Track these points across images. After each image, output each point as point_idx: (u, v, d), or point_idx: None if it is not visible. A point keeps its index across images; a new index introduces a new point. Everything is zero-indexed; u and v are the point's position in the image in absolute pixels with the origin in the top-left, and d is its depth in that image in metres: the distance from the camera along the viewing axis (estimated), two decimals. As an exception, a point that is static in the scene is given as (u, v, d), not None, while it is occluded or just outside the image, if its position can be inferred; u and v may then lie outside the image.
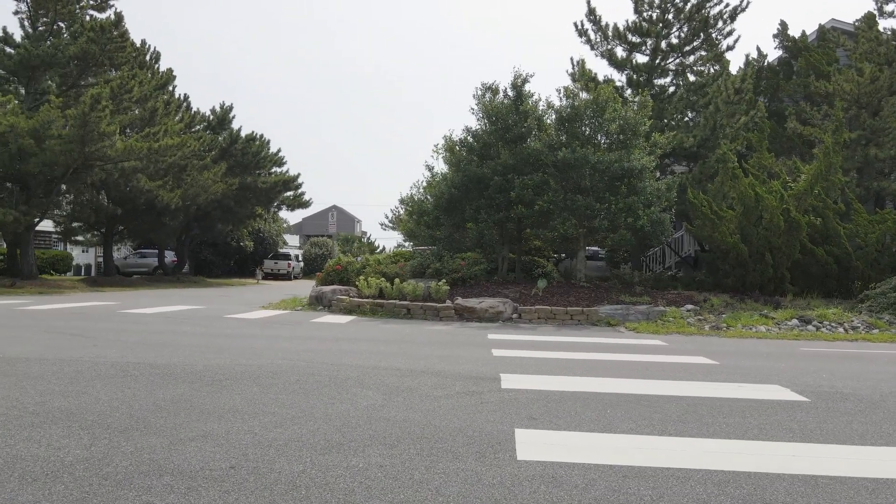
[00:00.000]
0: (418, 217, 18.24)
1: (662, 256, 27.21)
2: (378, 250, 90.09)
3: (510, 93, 15.90)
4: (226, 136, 31.10)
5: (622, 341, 10.07)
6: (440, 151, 17.12)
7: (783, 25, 24.30)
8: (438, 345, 8.87)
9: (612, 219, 14.44)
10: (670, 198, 15.02)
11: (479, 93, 16.01)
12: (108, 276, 27.87)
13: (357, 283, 14.60)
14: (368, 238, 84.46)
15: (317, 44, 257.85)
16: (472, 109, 16.01)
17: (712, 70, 21.16)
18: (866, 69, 17.76)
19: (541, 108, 15.89)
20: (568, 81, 20.11)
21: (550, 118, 15.94)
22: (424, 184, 18.77)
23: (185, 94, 29.75)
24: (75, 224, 27.49)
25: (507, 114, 15.46)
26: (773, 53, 25.24)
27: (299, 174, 32.57)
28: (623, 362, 7.56)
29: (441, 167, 18.15)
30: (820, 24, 24.24)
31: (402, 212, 55.97)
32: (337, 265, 16.42)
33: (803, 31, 23.88)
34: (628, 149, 14.71)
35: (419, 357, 7.43)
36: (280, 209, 35.58)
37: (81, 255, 41.30)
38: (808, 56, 21.54)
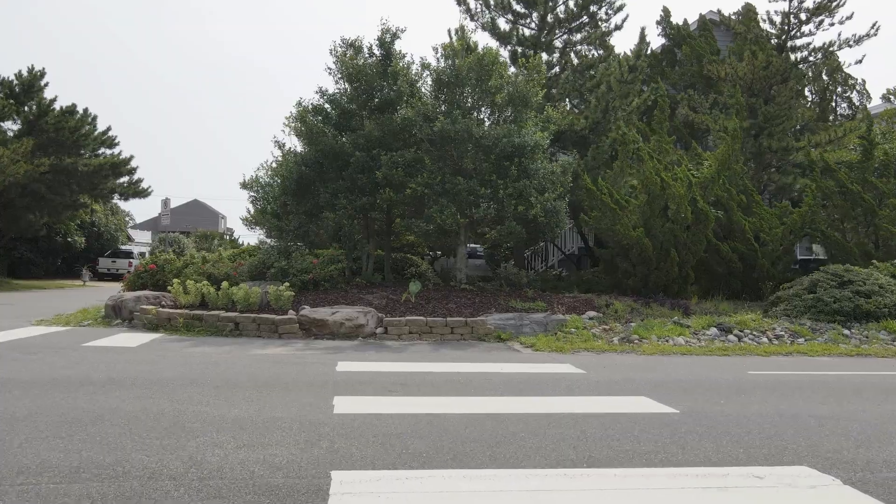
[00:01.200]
0: (263, 204, 14.73)
1: (544, 254, 25.40)
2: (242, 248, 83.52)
3: (377, 51, 12.83)
4: (32, 106, 25.33)
5: (522, 369, 7.36)
6: (291, 124, 13.72)
7: (666, 12, 23.23)
8: (252, 388, 5.65)
9: (500, 206, 11.86)
10: (566, 182, 12.70)
11: (339, 50, 12.79)
12: None
13: (170, 287, 10.89)
14: (231, 235, 78.01)
15: (189, 28, 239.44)
16: (330, 70, 12.79)
17: (597, 53, 19.42)
18: (759, 54, 16.59)
19: (414, 70, 12.99)
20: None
21: (426, 84, 13.08)
22: (274, 164, 15.24)
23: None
24: None
25: (373, 76, 12.39)
26: (657, 41, 23.96)
27: (132, 157, 27.38)
28: (533, 417, 4.78)
29: (294, 144, 14.72)
30: (700, 14, 23.48)
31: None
32: (150, 264, 12.56)
33: (685, 20, 22.94)
34: (518, 123, 12.19)
35: (191, 433, 4.16)
36: (111, 199, 29.96)
37: None
38: (692, 44, 20.41)
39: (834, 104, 27.88)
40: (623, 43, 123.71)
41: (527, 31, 18.49)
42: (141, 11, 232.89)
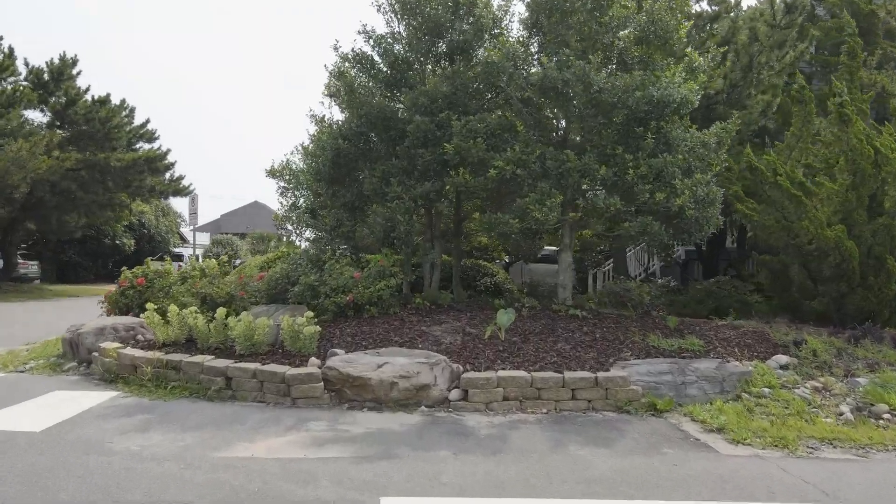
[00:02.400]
0: (296, 197, 11.23)
1: (643, 259, 21.05)
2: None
3: (445, -23, 9.06)
4: (61, 96, 22.89)
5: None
6: (331, 84, 10.12)
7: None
8: None
9: (627, 193, 7.91)
10: (719, 160, 8.60)
11: (392, -21, 9.09)
12: None
13: (144, 314, 7.42)
14: (289, 237, 76.09)
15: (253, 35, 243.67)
16: (380, 5, 9.10)
17: None
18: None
19: (496, 3, 9.15)
20: None
21: (513, 23, 9.23)
22: (309, 144, 11.73)
23: (-4, 35, 21.35)
24: None
25: (439, 9, 8.63)
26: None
27: (168, 151, 24.67)
28: None
29: (336, 117, 11.14)
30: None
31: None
32: (139, 278, 9.19)
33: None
34: (652, 72, 8.18)
35: None
36: (151, 197, 27.43)
37: None
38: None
39: None
40: None
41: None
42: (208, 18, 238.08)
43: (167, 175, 26.91)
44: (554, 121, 8.69)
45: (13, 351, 8.72)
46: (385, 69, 8.92)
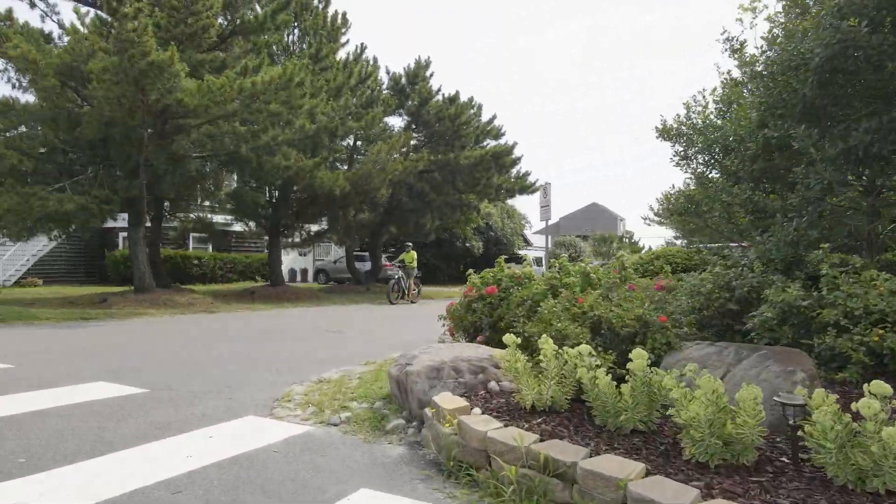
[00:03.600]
0: (699, 166, 7.30)
1: None
2: (643, 252, 75.74)
3: None
4: (414, 98, 22.99)
5: None
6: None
7: None
8: None
9: None
10: None
11: None
12: (276, 285, 21.65)
13: (503, 353, 4.39)
14: (631, 238, 71.60)
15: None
16: None
17: None
18: None
19: None
20: None
21: None
22: (720, 90, 7.69)
23: (360, 45, 22.29)
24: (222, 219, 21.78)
25: None
26: None
27: (515, 144, 23.13)
28: None
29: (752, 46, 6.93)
30: None
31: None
32: (489, 285, 6.38)
33: None
34: None
35: None
36: (498, 197, 26.36)
37: (299, 260, 37.59)
38: None
39: None
40: None
41: None
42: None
43: (513, 172, 25.48)
44: None
45: (346, 376, 6.72)
46: None
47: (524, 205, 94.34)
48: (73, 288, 22.78)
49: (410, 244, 21.38)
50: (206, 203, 21.77)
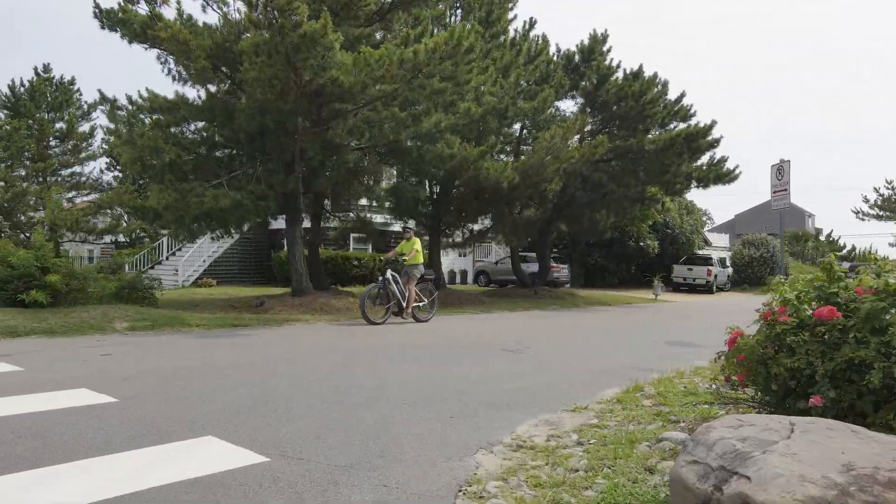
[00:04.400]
0: None
1: None
2: (844, 251, 65.45)
3: None
4: (592, 76, 20.05)
5: None
6: None
7: None
8: None
9: None
10: None
11: None
12: (436, 288, 19.92)
13: None
14: (829, 236, 62.15)
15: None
16: None
17: None
18: None
19: None
20: None
21: None
22: None
23: (530, 20, 19.79)
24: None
25: None
26: None
27: (714, 123, 19.28)
28: None
29: None
30: None
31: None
32: (826, 306, 3.58)
33: None
34: None
35: None
36: (687, 187, 22.52)
37: (458, 261, 36.10)
38: None
39: None
40: None
41: None
42: None
43: (705, 158, 21.62)
44: None
45: (555, 434, 4.31)
46: None
47: (704, 198, 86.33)
48: (240, 288, 22.79)
49: (412, 228, 15.00)
50: (364, 202, 20.57)
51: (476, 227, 24.83)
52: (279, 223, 19.88)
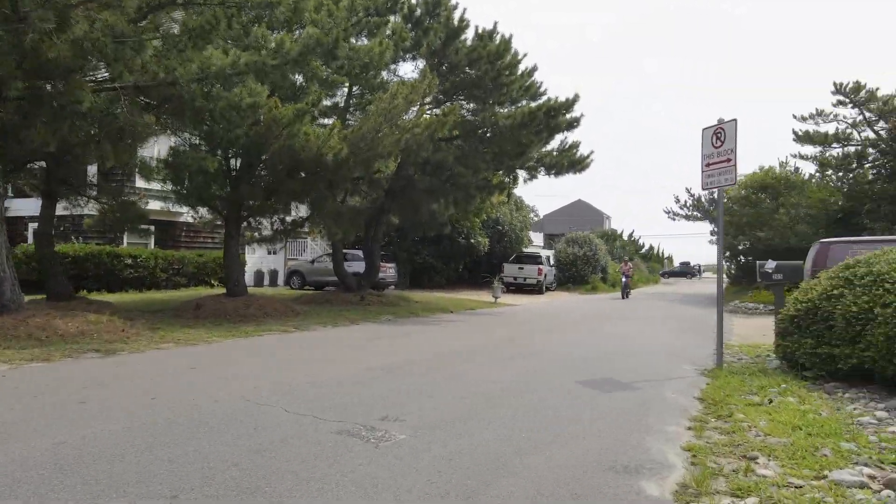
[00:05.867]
0: None
1: None
2: (642, 250, 70.51)
3: None
4: (438, 30, 16.33)
5: None
6: None
7: None
8: None
9: None
10: None
11: None
12: (233, 295, 14.79)
13: None
14: (631, 236, 66.02)
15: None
16: None
17: None
18: None
19: None
20: None
21: None
22: None
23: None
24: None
25: None
26: None
27: (577, 97, 16.53)
28: None
29: None
30: None
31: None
32: None
33: None
34: None
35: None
36: (535, 175, 19.73)
37: (267, 259, 30.54)
38: None
39: None
40: None
41: None
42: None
43: (555, 143, 19.02)
44: None
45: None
46: None
47: (530, 195, 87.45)
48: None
49: None
50: (147, 183, 14.79)
51: (289, 217, 19.96)
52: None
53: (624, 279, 30.67)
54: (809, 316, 6.89)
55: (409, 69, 18.56)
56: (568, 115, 16.73)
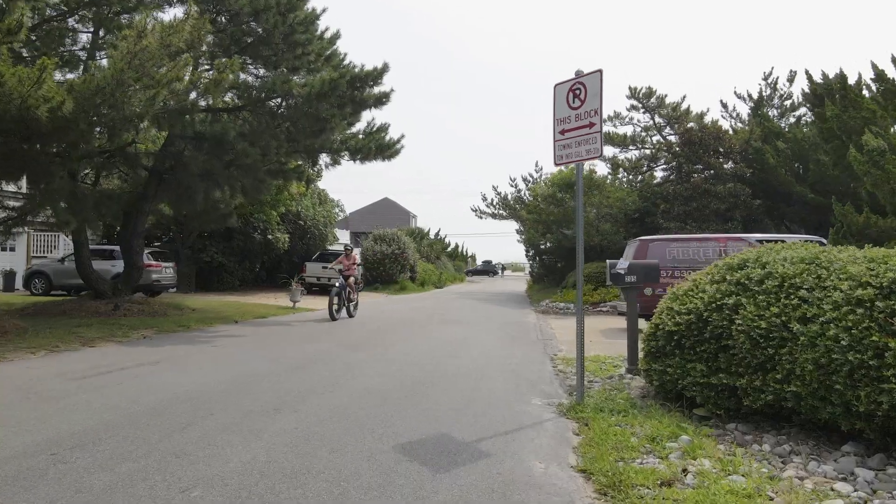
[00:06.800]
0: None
1: None
2: (448, 249, 70.97)
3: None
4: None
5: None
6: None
7: None
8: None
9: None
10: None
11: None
12: None
13: None
14: (438, 234, 65.84)
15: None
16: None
17: None
18: None
19: None
20: None
21: None
22: None
23: None
24: None
25: None
26: None
27: (386, 66, 14.07)
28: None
29: None
30: None
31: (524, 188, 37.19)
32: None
33: None
34: None
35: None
36: (339, 160, 16.99)
37: (2, 257, 24.18)
38: None
39: None
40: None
41: None
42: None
43: (362, 124, 16.56)
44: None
45: None
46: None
47: (332, 187, 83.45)
48: None
49: None
50: None
51: (12, 202, 15.09)
52: None
53: (340, 281, 15.72)
54: (694, 332, 5.18)
55: (175, 12, 14.75)
56: (376, 89, 14.28)
